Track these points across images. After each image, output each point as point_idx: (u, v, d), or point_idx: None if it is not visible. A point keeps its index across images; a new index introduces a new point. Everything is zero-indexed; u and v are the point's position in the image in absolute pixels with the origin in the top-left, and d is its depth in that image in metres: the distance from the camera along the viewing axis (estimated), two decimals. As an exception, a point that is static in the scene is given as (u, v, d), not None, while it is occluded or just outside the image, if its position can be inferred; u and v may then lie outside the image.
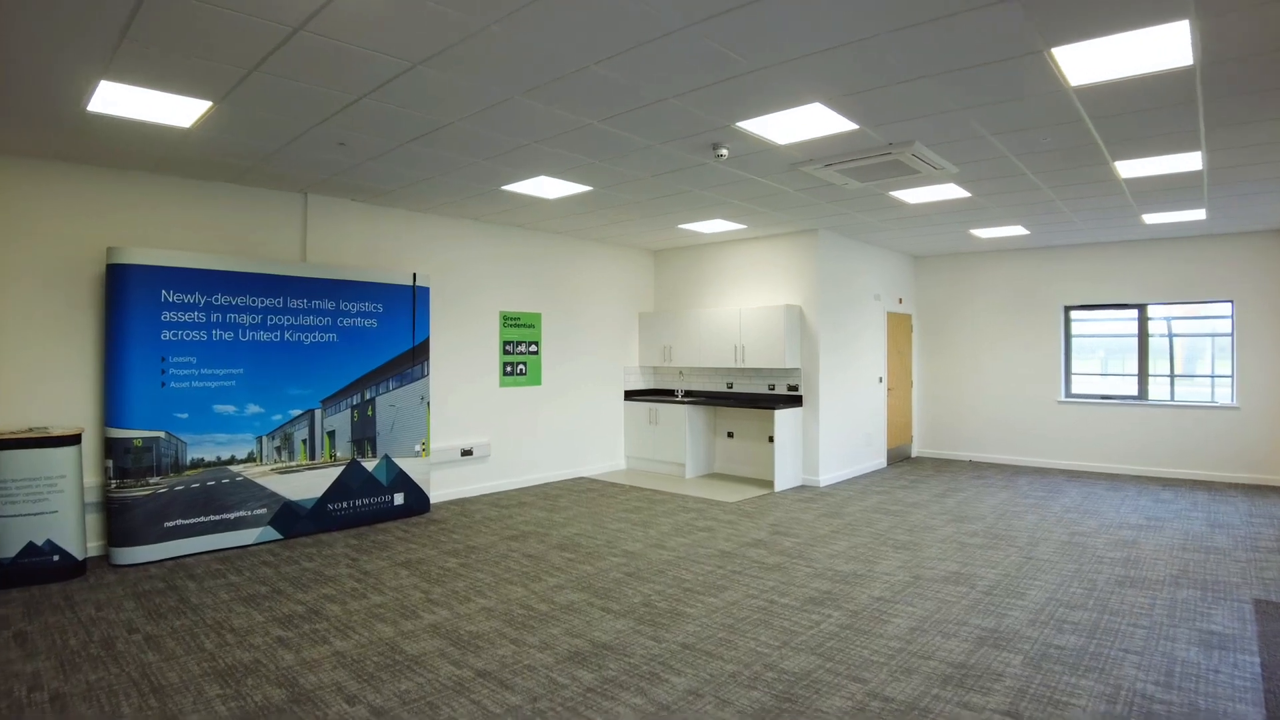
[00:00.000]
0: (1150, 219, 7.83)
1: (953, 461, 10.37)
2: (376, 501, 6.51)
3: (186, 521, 5.46)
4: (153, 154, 5.24)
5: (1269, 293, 8.48)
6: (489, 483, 7.95)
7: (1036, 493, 8.02)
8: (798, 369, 8.63)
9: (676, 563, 5.32)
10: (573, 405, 8.94)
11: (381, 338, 6.56)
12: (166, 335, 5.39)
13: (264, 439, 5.87)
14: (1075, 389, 9.92)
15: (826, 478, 8.57)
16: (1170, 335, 9.44)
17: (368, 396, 6.47)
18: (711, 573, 5.08)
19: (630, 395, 9.74)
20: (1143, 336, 9.48)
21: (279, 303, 5.94)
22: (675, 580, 4.91)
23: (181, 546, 5.42)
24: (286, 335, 5.98)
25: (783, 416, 8.28)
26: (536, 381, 8.45)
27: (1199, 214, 7.47)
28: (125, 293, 5.25)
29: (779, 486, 8.22)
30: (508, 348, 8.13)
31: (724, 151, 5.08)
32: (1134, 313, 9.52)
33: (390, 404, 6.61)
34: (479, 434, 7.83)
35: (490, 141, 4.97)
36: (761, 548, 5.76)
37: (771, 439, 8.76)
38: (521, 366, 8.28)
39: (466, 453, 7.63)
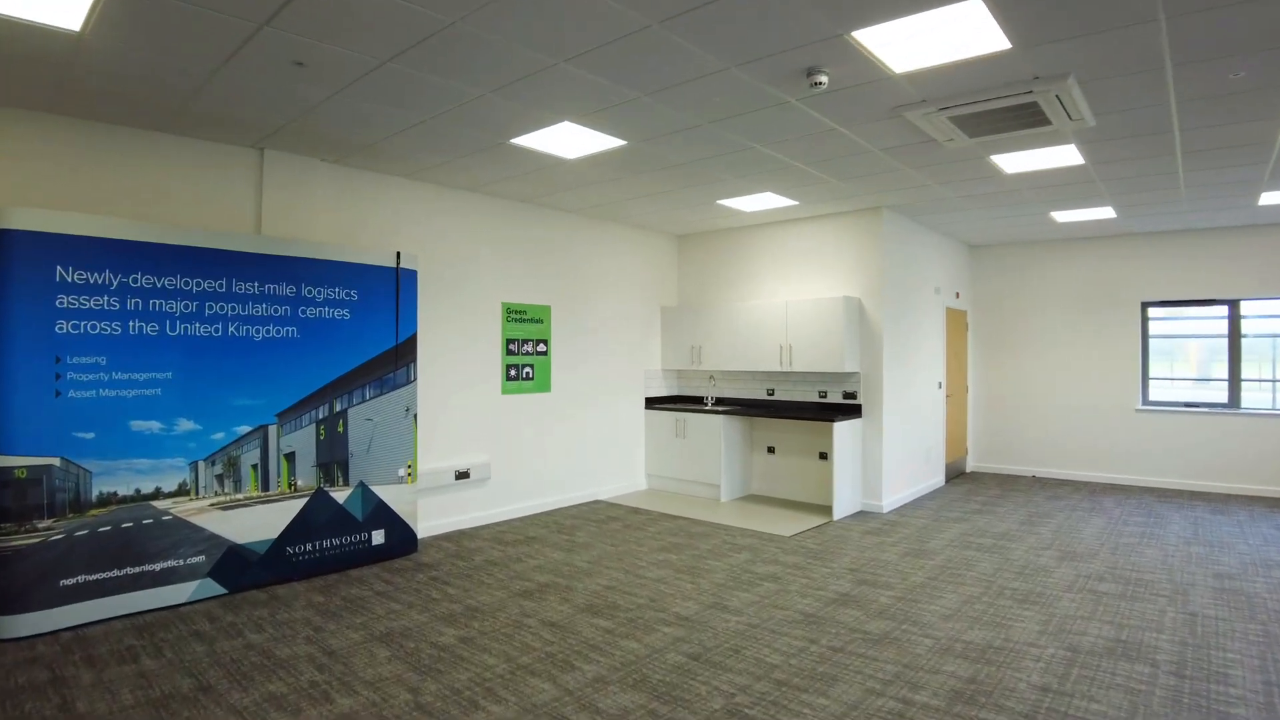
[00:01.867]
0: (1271, 199, 6.65)
1: (1015, 478, 9.15)
2: (349, 541, 5.19)
3: (93, 578, 4.11)
4: (43, 82, 3.90)
5: None
6: (489, 510, 6.63)
7: (1134, 518, 6.85)
8: (856, 373, 7.37)
9: (751, 634, 4.03)
10: (587, 415, 7.64)
11: (356, 333, 5.24)
12: (63, 327, 4.05)
13: (201, 465, 4.53)
14: (1153, 395, 8.73)
15: (889, 501, 7.32)
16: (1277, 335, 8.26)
17: (338, 408, 5.15)
18: (803, 651, 3.79)
19: (652, 403, 8.46)
20: (1234, 336, 8.31)
21: (222, 286, 4.60)
22: (758, 665, 3.62)
23: (85, 611, 4.07)
24: (232, 329, 4.65)
25: (842, 429, 7.02)
26: (545, 387, 7.15)
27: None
28: (4, 268, 3.91)
29: (838, 514, 6.95)
30: (511, 347, 6.82)
31: (823, 79, 3.80)
32: (1224, 309, 8.35)
33: (367, 417, 5.29)
34: (477, 452, 6.52)
35: (502, 57, 3.66)
36: (853, 606, 4.48)
37: (824, 455, 7.55)
38: (528, 369, 6.98)
39: (462, 475, 6.32)
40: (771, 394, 8.06)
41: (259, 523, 4.75)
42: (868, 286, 7.35)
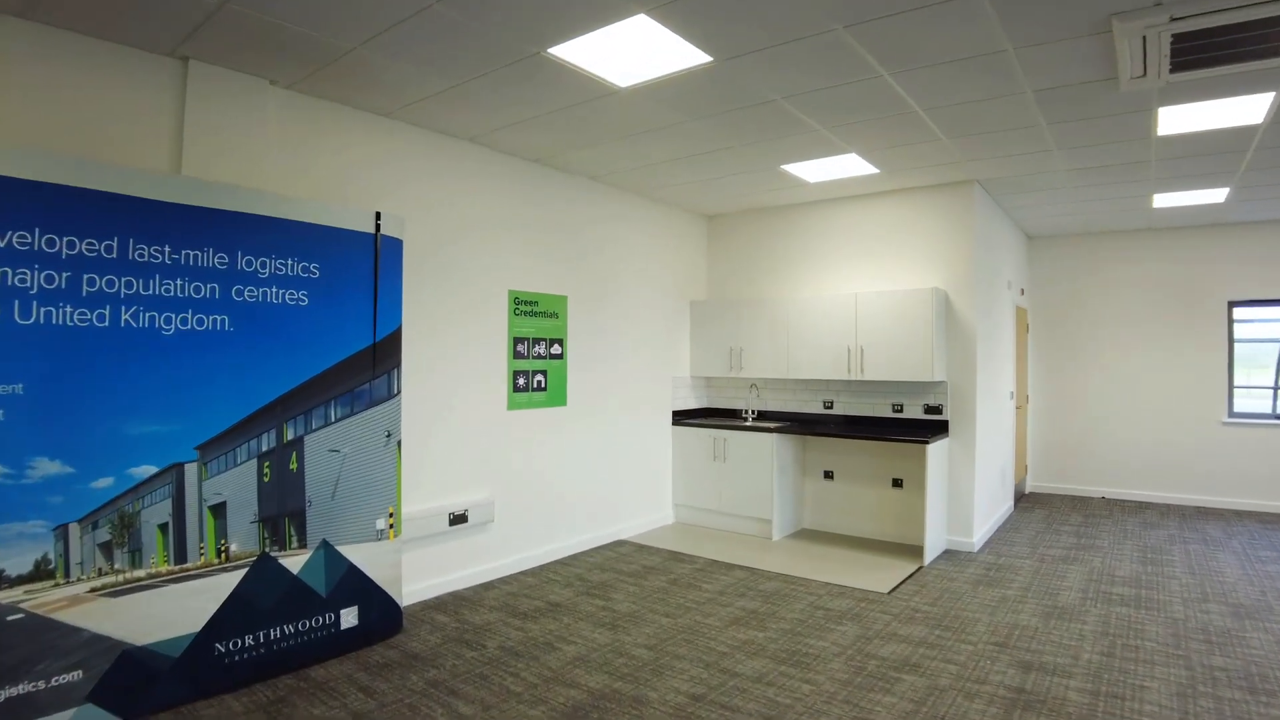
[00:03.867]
0: None
1: (1084, 499, 8.00)
2: (310, 628, 3.63)
3: (-121, 722, 2.51)
4: None
5: None
6: (493, 563, 5.11)
7: (1262, 551, 5.77)
8: (942, 383, 6.05)
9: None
10: (610, 435, 6.16)
11: (318, 326, 3.69)
12: None
13: (74, 530, 2.94)
14: (1239, 407, 7.66)
15: (979, 536, 6.03)
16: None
17: (290, 436, 3.59)
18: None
19: (681, 418, 7.01)
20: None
21: (112, 249, 3.02)
22: None
23: None
24: (127, 316, 3.07)
25: (935, 452, 5.70)
26: (560, 400, 5.65)
27: None
28: None
29: (930, 556, 5.63)
30: (520, 348, 5.32)
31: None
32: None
33: (333, 448, 3.74)
34: (476, 487, 5.00)
35: None
36: (1045, 713, 3.12)
37: (899, 483, 6.26)
38: (539, 378, 5.47)
39: (458, 519, 4.78)
40: (830, 407, 6.69)
41: (171, 612, 3.17)
42: (955, 277, 6.04)
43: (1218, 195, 6.15)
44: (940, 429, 6.01)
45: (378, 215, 3.94)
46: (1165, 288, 7.89)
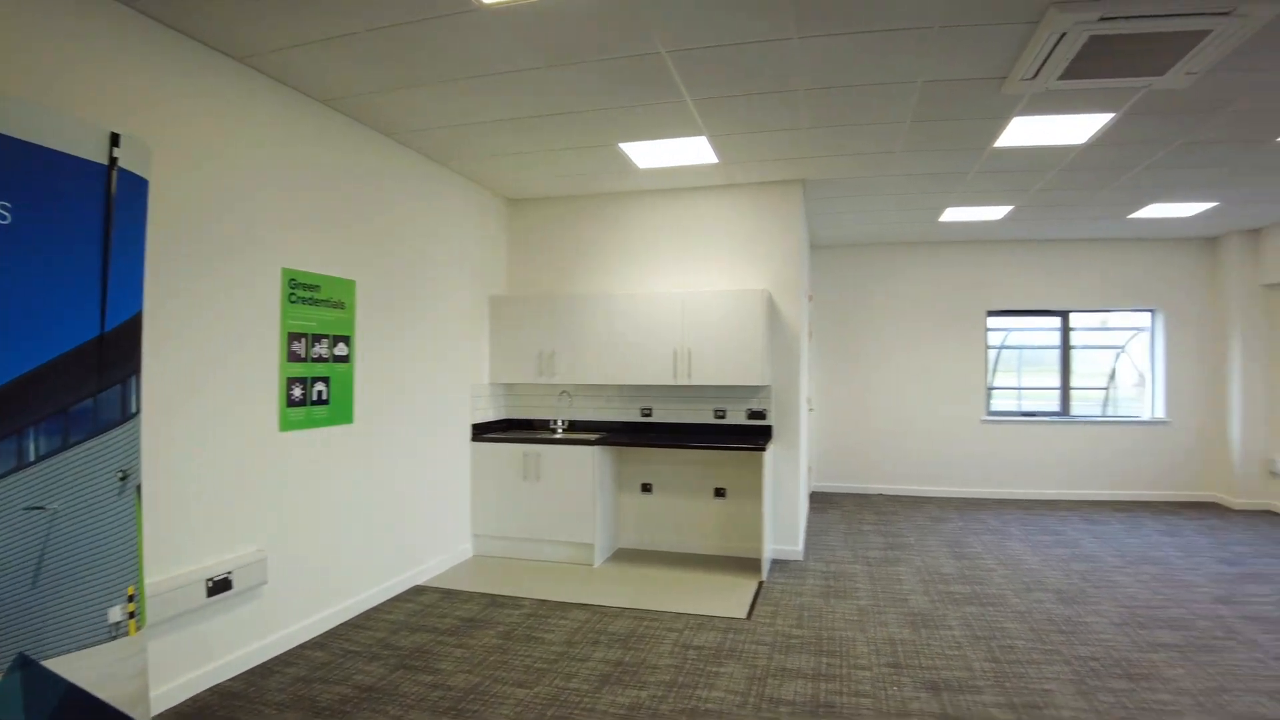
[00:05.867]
0: (1144, 214, 6.83)
1: (866, 496, 8.61)
2: (-16, 806, 2.22)
3: None
4: None
5: (1193, 301, 8.20)
6: (269, 638, 3.81)
7: (1038, 536, 6.57)
8: (766, 387, 5.92)
9: None
10: (403, 457, 5.05)
11: (2, 305, 2.30)
12: None
13: None
14: (995, 406, 8.83)
15: (802, 543, 6.00)
16: (1121, 347, 8.78)
17: (-43, 486, 2.18)
18: None
19: (481, 432, 6.07)
20: (1065, 347, 8.72)
21: None
22: None
23: None
24: None
25: (771, 459, 5.53)
26: (345, 416, 4.46)
27: (1204, 206, 6.54)
28: None
29: (766, 569, 5.43)
30: (295, 347, 4.06)
31: None
32: (1057, 320, 8.71)
33: (32, 503, 2.35)
34: (242, 539, 3.67)
35: None
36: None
37: (721, 492, 6.06)
38: (320, 388, 4.25)
39: (219, 586, 3.45)
40: (649, 414, 6.24)
41: None
42: (780, 279, 5.97)
43: (999, 213, 6.85)
44: (765, 434, 5.87)
45: (114, 138, 2.59)
46: (936, 297, 8.76)
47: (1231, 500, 7.74)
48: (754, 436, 5.82)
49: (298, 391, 4.06)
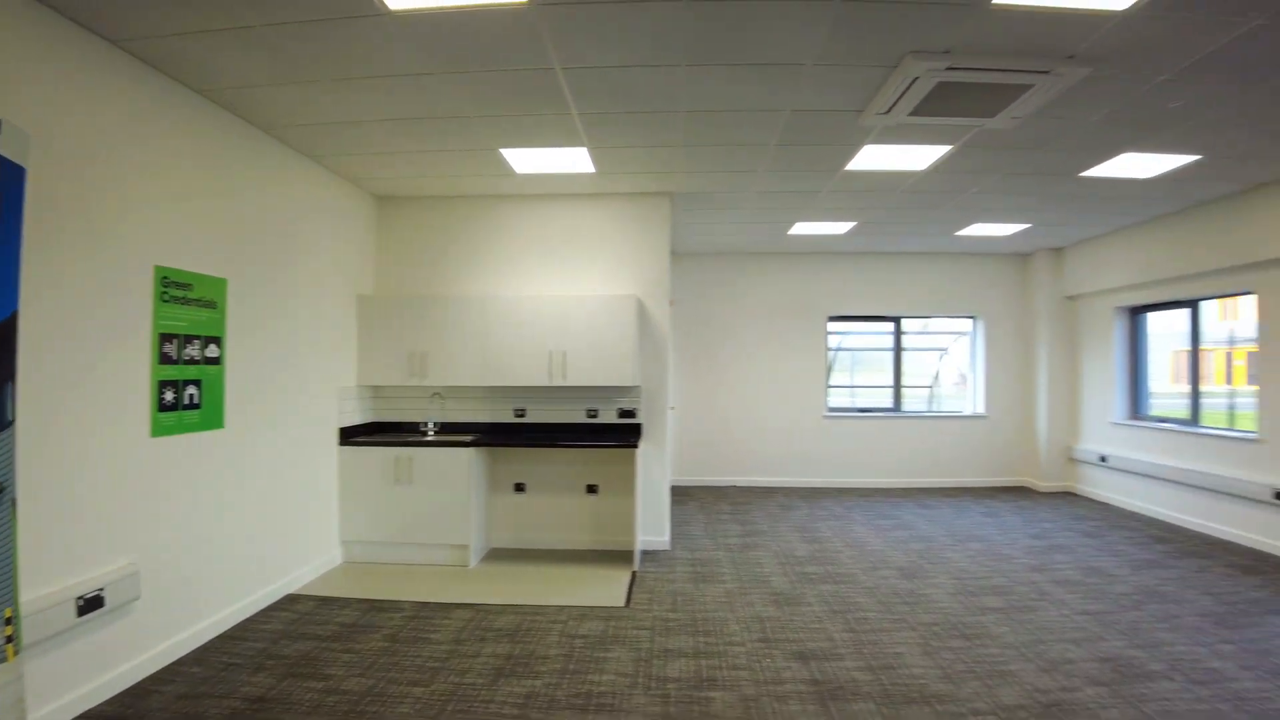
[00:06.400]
0: (969, 231, 7.82)
1: (720, 489, 9.28)
2: None
3: None
4: None
5: (1008, 310, 9.44)
6: (144, 655, 3.63)
7: (878, 520, 7.44)
8: (636, 387, 6.29)
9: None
10: (275, 463, 4.93)
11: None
12: None
13: None
14: (836, 403, 9.73)
15: (669, 534, 6.42)
16: (947, 350, 9.87)
17: None
18: None
19: (349, 436, 6.00)
20: (898, 349, 9.74)
21: None
22: None
23: None
24: None
25: (643, 456, 5.89)
26: (216, 421, 4.33)
27: (1018, 227, 7.62)
28: None
29: (639, 560, 5.80)
30: (167, 349, 3.92)
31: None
32: (890, 325, 9.72)
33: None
34: (114, 552, 3.51)
35: None
36: (849, 697, 3.43)
37: (593, 489, 6.35)
38: (192, 391, 4.11)
39: (91, 604, 3.29)
40: (522, 415, 6.42)
41: None
42: (650, 285, 6.38)
43: (844, 228, 7.61)
44: (636, 432, 6.23)
45: (-4, 127, 2.49)
46: (783, 304, 9.54)
47: (1039, 484, 9.04)
48: (626, 434, 6.17)
49: (170, 395, 3.92)
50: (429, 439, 5.98)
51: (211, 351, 4.27)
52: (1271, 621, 4.46)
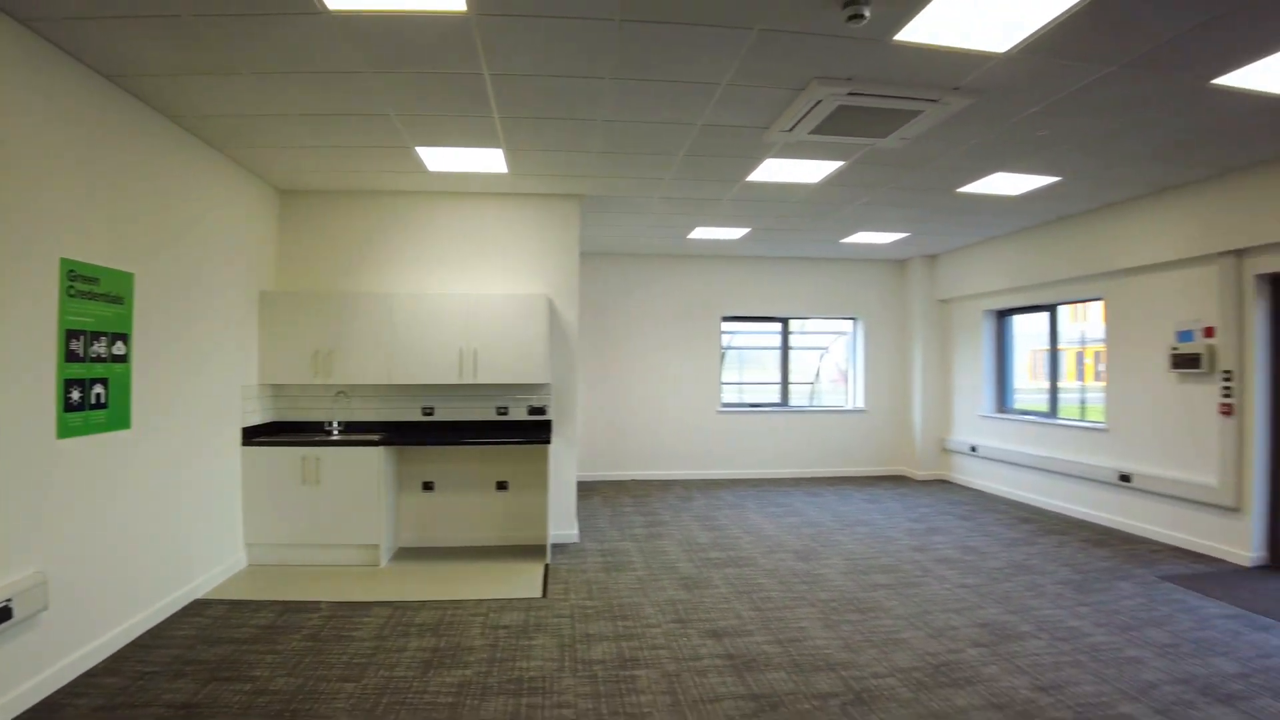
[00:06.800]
0: (853, 239, 8.48)
1: (620, 482, 9.65)
2: None
3: None
4: None
5: (886, 312, 10.27)
6: (53, 667, 3.49)
7: (769, 508, 8.00)
8: (546, 385, 6.50)
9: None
10: (179, 465, 4.79)
11: None
12: None
13: None
14: (729, 398, 10.25)
15: (578, 528, 6.67)
16: (825, 349, 10.55)
17: None
18: None
19: (252, 436, 5.87)
20: (785, 348, 10.38)
21: None
22: None
23: None
24: None
25: (555, 452, 6.10)
26: (123, 422, 4.19)
27: (898, 236, 8.35)
28: None
29: (551, 553, 6.02)
30: (74, 346, 3.78)
31: (866, 12, 3.11)
32: (778, 326, 10.34)
33: None
34: (18, 561, 3.38)
35: None
36: (763, 668, 3.82)
37: (503, 485, 6.54)
38: (99, 390, 3.98)
39: None
40: (430, 413, 6.48)
41: None
42: (559, 285, 6.61)
43: (739, 233, 8.10)
44: (546, 429, 6.43)
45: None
46: (680, 304, 10.00)
47: (915, 472, 9.90)
48: (536, 431, 6.35)
49: (76, 395, 3.78)
50: (336, 439, 5.95)
51: (119, 349, 4.14)
52: (1119, 586, 5.24)
